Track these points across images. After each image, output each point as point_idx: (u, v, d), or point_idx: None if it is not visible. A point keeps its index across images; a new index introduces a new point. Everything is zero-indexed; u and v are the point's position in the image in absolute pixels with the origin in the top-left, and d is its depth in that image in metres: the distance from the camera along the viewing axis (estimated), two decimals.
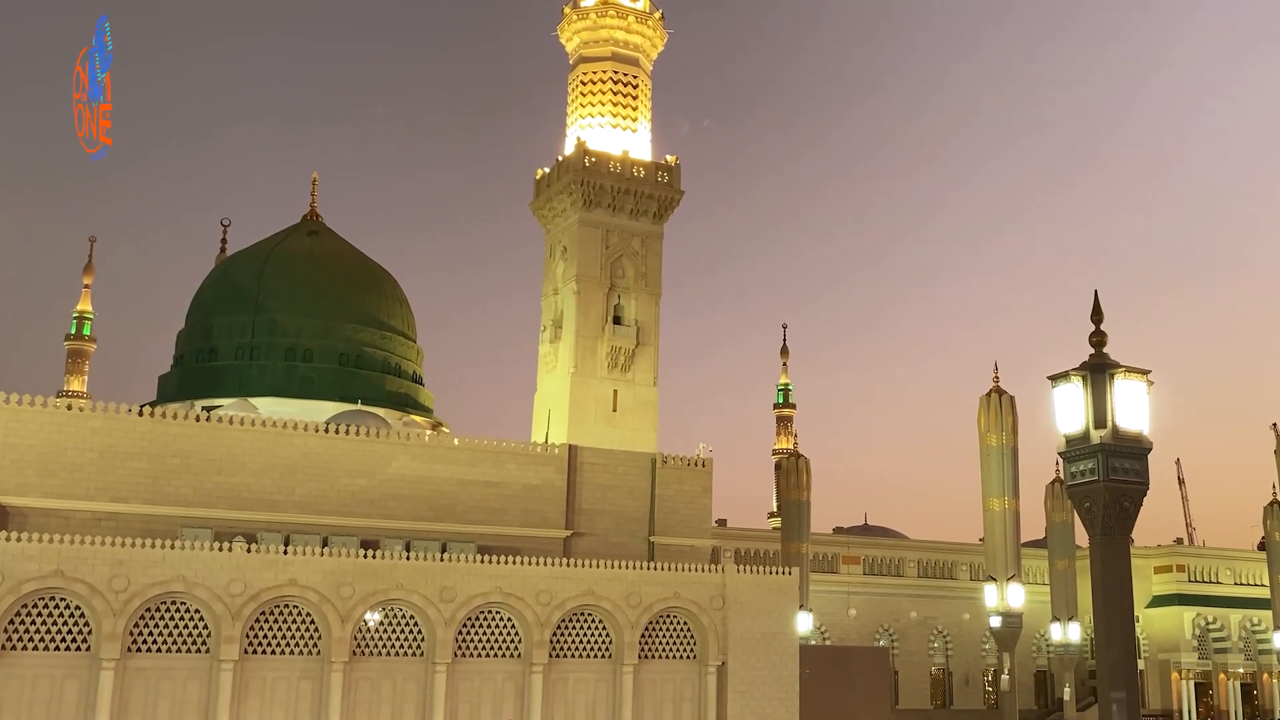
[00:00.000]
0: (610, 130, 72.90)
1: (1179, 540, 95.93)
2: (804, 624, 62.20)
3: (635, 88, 74.15)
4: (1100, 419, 15.82)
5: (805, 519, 69.50)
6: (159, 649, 46.11)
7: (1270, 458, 78.11)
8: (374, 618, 49.36)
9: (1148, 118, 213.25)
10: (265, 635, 47.82)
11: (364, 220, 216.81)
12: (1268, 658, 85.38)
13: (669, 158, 73.24)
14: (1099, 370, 16.04)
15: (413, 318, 75.66)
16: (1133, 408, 15.97)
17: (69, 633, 44.85)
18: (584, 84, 73.95)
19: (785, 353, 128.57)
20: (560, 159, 72.75)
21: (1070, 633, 71.99)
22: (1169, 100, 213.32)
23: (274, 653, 47.88)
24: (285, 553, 48.08)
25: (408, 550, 51.36)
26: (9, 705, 43.28)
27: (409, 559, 50.34)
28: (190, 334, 71.22)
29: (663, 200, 71.67)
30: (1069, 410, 16.20)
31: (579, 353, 68.51)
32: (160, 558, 45.91)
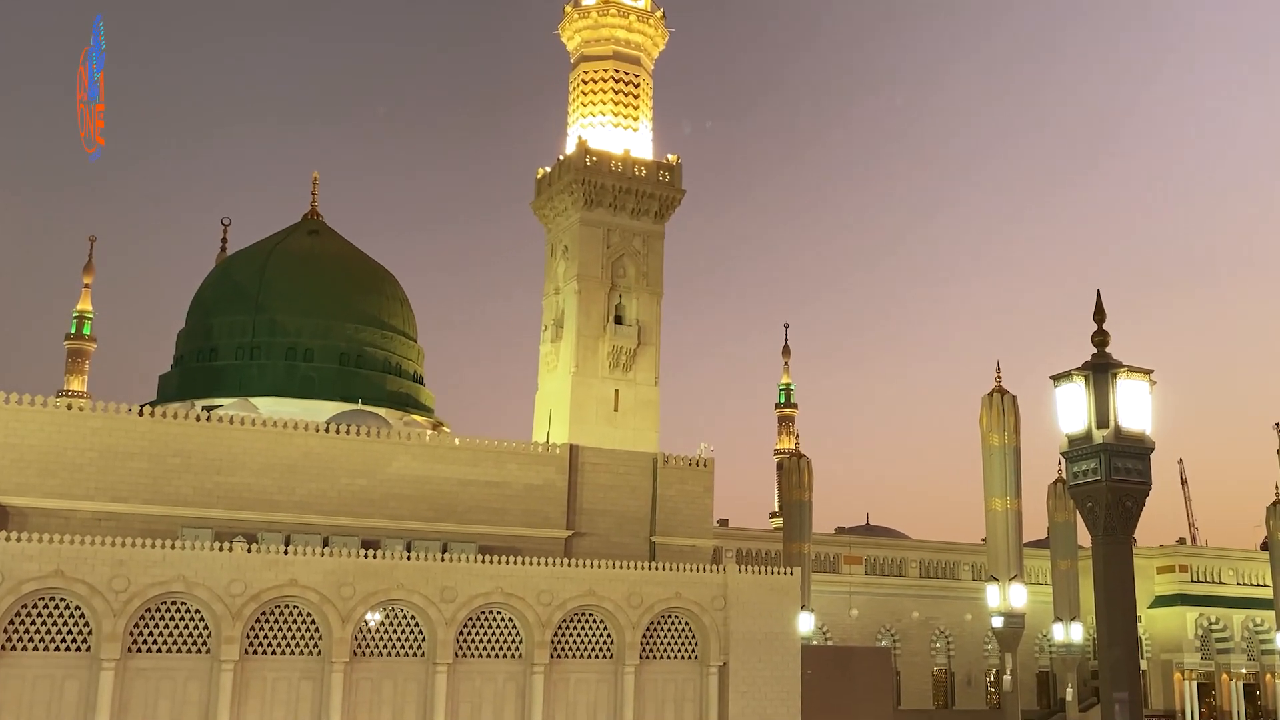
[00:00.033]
0: (611, 129, 72.80)
1: (1181, 540, 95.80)
2: (806, 624, 62.03)
3: (636, 87, 74.04)
4: (1103, 419, 15.77)
5: (807, 519, 69.37)
6: (159, 649, 46.01)
7: (1273, 457, 78.02)
8: (375, 618, 49.27)
9: (1149, 117, 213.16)
10: (266, 635, 47.72)
11: (365, 220, 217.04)
12: (1270, 658, 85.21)
13: (670, 157, 73.13)
14: (1101, 370, 15.98)
15: (413, 317, 75.60)
16: (1135, 407, 15.91)
17: (69, 633, 44.76)
18: (585, 83, 73.84)
19: (787, 352, 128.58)
20: (561, 158, 72.65)
21: (1072, 633, 71.85)
22: (1171, 100, 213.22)
23: (274, 653, 47.77)
24: (286, 553, 47.98)
25: (408, 550, 51.25)
26: (9, 706, 43.20)
27: (410, 559, 50.23)
28: (190, 333, 71.15)
29: (664, 199, 71.55)
30: (1071, 410, 16.15)
31: (580, 352, 68.40)
32: (160, 558, 45.82)
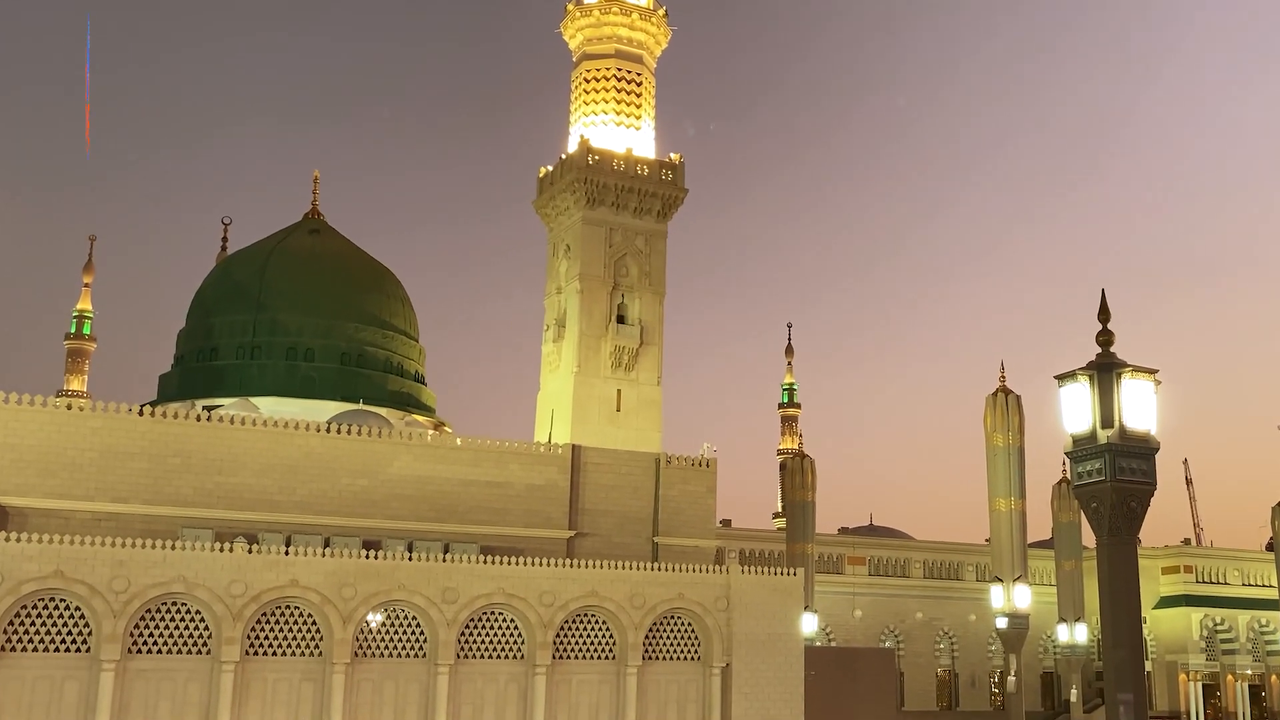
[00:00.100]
0: (614, 128, 72.57)
1: (1186, 541, 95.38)
2: (809, 625, 61.91)
3: (639, 85, 73.81)
4: (1107, 419, 15.69)
5: (810, 519, 69.20)
6: (159, 650, 45.90)
7: (1278, 458, 77.70)
8: (376, 619, 49.14)
9: (1154, 117, 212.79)
10: (266, 636, 47.59)
11: (366, 219, 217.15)
12: (1276, 659, 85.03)
13: (673, 156, 72.88)
14: (1106, 370, 15.90)
15: (415, 317, 75.43)
16: (1140, 407, 15.83)
17: (69, 634, 44.65)
18: (587, 81, 73.62)
19: (790, 352, 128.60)
20: (563, 157, 72.41)
21: (1077, 634, 71.68)
22: (1175, 100, 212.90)
23: (275, 654, 47.65)
24: (287, 553, 47.87)
25: (410, 551, 51.10)
26: (8, 707, 43.08)
27: (411, 560, 50.08)
28: (191, 333, 71.01)
29: (666, 199, 71.31)
30: (1076, 410, 16.07)
31: (582, 352, 68.17)
32: (161, 558, 45.70)
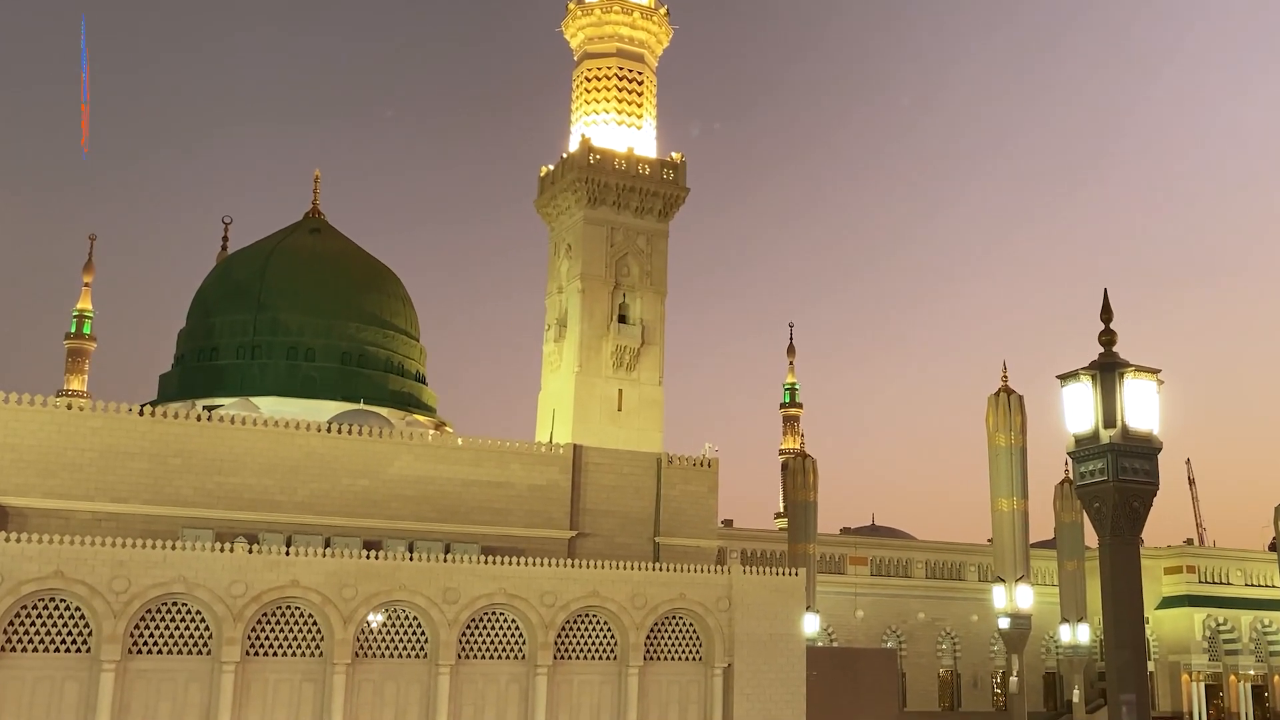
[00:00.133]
0: (615, 127, 72.49)
1: (1189, 541, 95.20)
2: (811, 625, 61.79)
3: (640, 84, 73.73)
4: (1110, 419, 15.61)
5: (812, 519, 69.06)
6: (160, 651, 45.79)
7: None
8: (377, 619, 49.05)
9: (1157, 116, 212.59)
10: (267, 637, 47.49)
11: (366, 218, 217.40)
12: (1279, 659, 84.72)
13: (674, 155, 72.81)
14: (1108, 369, 15.82)
15: (416, 316, 75.30)
16: (1143, 407, 15.75)
17: (69, 634, 44.55)
18: (589, 80, 73.53)
19: (792, 352, 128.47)
20: (564, 156, 72.34)
21: (1079, 634, 71.55)
22: (1177, 99, 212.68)
23: (276, 654, 47.55)
24: (287, 554, 47.75)
25: (411, 551, 50.99)
26: (8, 707, 43.00)
27: (412, 560, 49.96)
28: (191, 333, 70.91)
29: (668, 198, 71.23)
30: (1078, 410, 15.99)
31: (584, 352, 68.11)
32: (161, 558, 45.59)
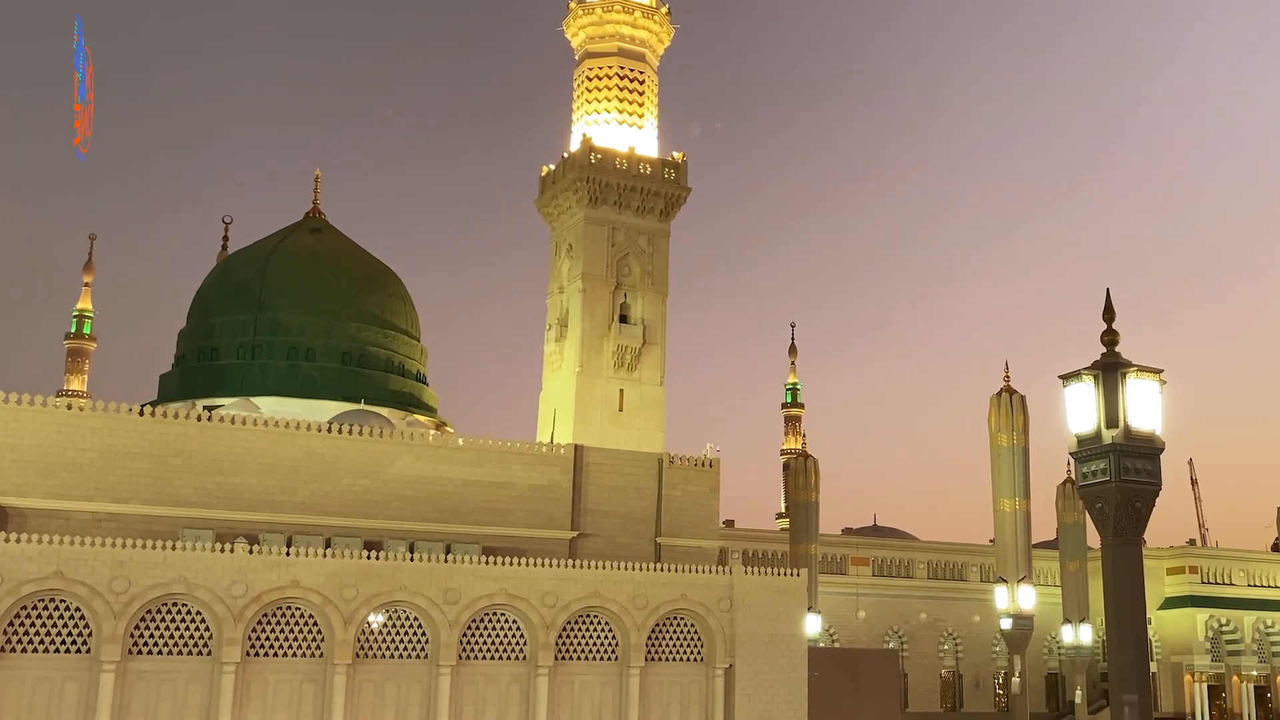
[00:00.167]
0: (616, 126, 72.39)
1: (1192, 541, 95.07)
2: (812, 626, 61.66)
3: (641, 84, 73.63)
4: (1112, 419, 15.53)
5: (814, 520, 68.92)
6: (160, 651, 45.68)
7: None
8: (377, 620, 48.95)
9: (1158, 115, 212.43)
10: (267, 637, 47.38)
11: (367, 218, 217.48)
12: None
13: (676, 154, 72.72)
14: (1111, 369, 15.73)
15: (416, 316, 75.21)
16: (1145, 407, 15.66)
17: (69, 635, 44.44)
18: (590, 80, 73.44)
19: (793, 352, 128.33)
20: (566, 156, 72.26)
21: (1082, 635, 71.37)
22: (1180, 97, 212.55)
23: (276, 655, 47.43)
24: (288, 554, 47.62)
25: (411, 552, 50.90)
26: (8, 708, 42.91)
27: (413, 560, 49.85)
28: (191, 333, 70.84)
29: (669, 197, 71.13)
30: (1080, 410, 15.90)
31: (585, 352, 68.02)
32: (161, 559, 45.48)
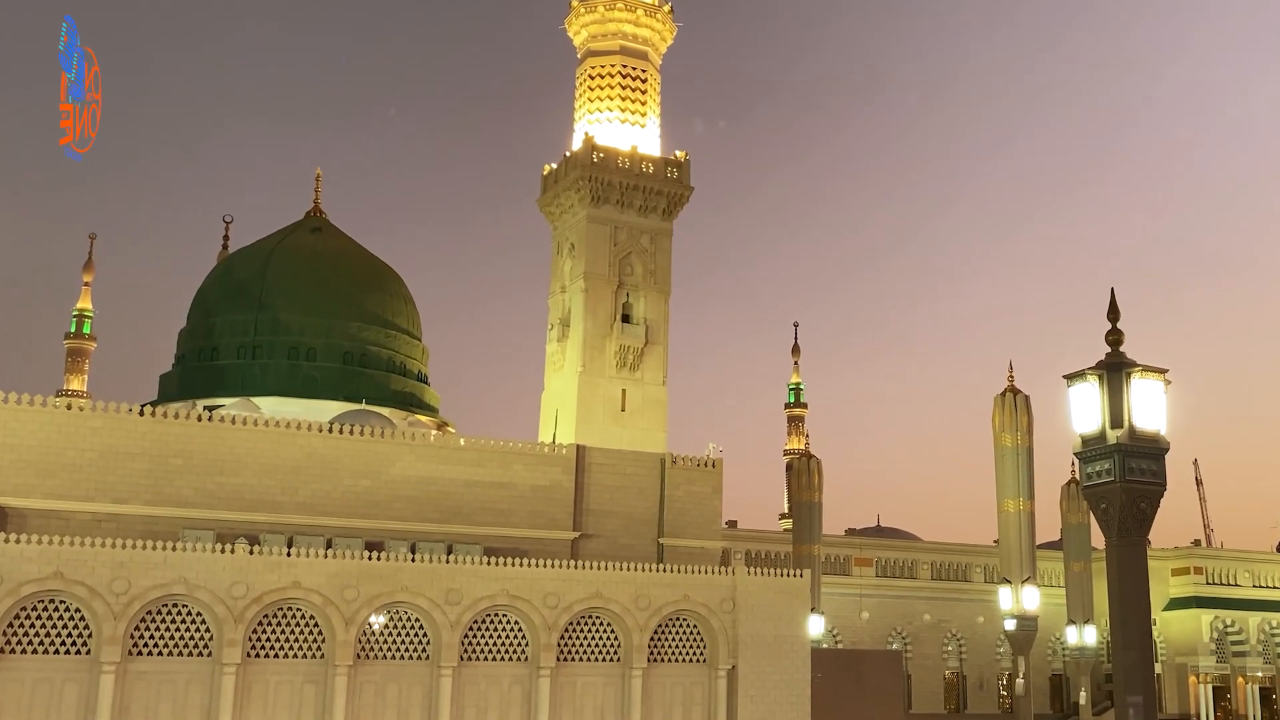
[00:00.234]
0: (619, 125, 72.20)
1: (1197, 542, 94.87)
2: (816, 627, 61.49)
3: (644, 82, 73.43)
4: (1117, 419, 15.49)
5: (817, 520, 68.73)
6: (160, 652, 45.56)
7: None
8: (379, 620, 48.80)
9: (1162, 114, 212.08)
10: (268, 638, 47.25)
11: (368, 217, 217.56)
12: None
13: (678, 153, 72.52)
14: (1115, 369, 15.71)
15: (418, 316, 75.07)
16: (1150, 407, 15.63)
17: (69, 636, 44.32)
18: (592, 78, 73.25)
19: (796, 351, 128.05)
20: (568, 154, 72.07)
21: (1086, 636, 71.20)
22: (1184, 96, 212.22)
23: (277, 656, 47.30)
24: (288, 555, 47.52)
25: (413, 552, 50.76)
26: (8, 709, 42.82)
27: (414, 561, 49.72)
28: (192, 332, 70.71)
29: (672, 196, 70.93)
30: (1085, 410, 15.86)
31: (587, 352, 67.82)
32: (161, 559, 45.36)
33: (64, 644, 44.21)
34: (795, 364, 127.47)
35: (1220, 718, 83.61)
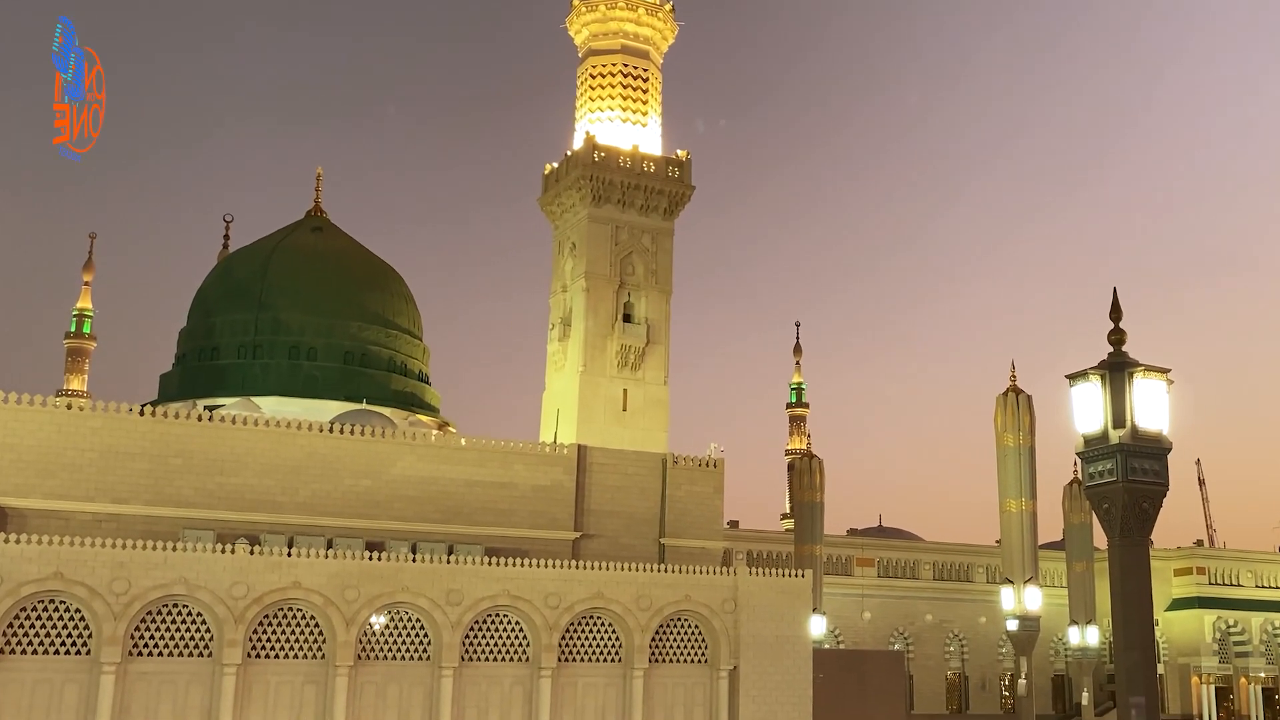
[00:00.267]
0: (620, 124, 72.05)
1: (1199, 542, 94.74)
2: (817, 627, 61.40)
3: (645, 81, 73.28)
4: (1119, 419, 15.42)
5: (819, 520, 68.63)
6: (160, 653, 45.49)
7: None
8: (379, 621, 48.72)
9: (1162, 114, 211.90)
10: (269, 639, 47.17)
11: (369, 216, 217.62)
12: None
13: (680, 153, 72.36)
14: (1118, 369, 15.63)
15: (419, 315, 74.94)
16: (1152, 407, 15.56)
17: (69, 636, 44.26)
18: (593, 77, 73.11)
19: (798, 351, 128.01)
20: (569, 154, 71.94)
21: (1088, 636, 71.09)
22: (1184, 96, 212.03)
23: (278, 657, 47.22)
24: (289, 555, 47.44)
25: (414, 552, 50.69)
26: (7, 710, 42.76)
27: (415, 561, 49.64)
28: (192, 332, 70.60)
29: (673, 196, 70.79)
30: (1087, 410, 15.79)
31: (588, 351, 67.68)
32: (162, 560, 45.29)
33: (64, 644, 44.15)
34: (797, 363, 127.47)
35: (1223, 718, 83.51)
